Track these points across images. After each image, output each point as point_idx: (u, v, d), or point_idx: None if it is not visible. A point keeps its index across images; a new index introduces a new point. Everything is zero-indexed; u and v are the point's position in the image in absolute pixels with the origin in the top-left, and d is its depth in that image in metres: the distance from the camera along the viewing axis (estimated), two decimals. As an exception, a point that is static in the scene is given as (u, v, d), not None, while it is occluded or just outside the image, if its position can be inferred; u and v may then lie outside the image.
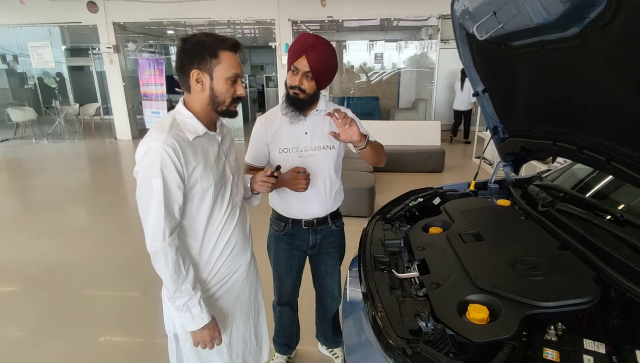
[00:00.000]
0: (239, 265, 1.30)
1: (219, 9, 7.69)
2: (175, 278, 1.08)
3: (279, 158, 1.54)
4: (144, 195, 1.06)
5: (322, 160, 1.54)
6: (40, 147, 8.19)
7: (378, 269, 1.26)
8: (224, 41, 1.09)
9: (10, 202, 4.98)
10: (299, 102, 1.46)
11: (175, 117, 1.13)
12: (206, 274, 1.22)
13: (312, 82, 1.41)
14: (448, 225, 1.52)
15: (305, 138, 1.53)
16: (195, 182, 1.11)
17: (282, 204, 1.62)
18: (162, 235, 1.06)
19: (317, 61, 1.38)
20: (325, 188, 1.59)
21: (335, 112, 1.36)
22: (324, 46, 1.41)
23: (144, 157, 1.05)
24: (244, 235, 1.31)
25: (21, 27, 8.24)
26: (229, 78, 1.10)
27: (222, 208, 1.21)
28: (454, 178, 5.55)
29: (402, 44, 10.14)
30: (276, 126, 1.54)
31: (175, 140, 1.06)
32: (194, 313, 1.13)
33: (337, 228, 1.70)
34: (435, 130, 5.99)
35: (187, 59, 1.08)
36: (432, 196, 1.85)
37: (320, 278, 1.77)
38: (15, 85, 10.69)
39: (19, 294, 2.83)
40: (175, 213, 1.09)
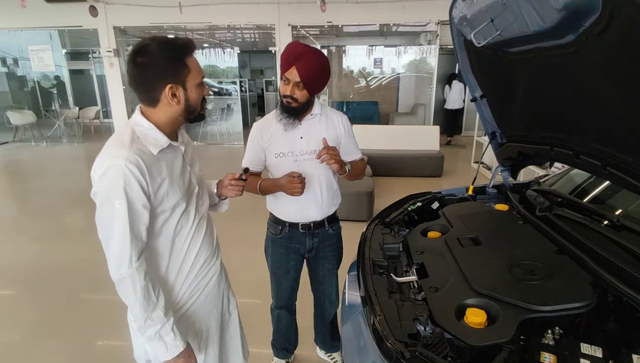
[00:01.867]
0: (209, 278, 1.23)
1: (219, 13, 7.73)
2: (145, 305, 0.99)
3: (275, 163, 1.55)
4: (105, 219, 0.97)
5: (318, 164, 1.53)
6: (40, 150, 8.19)
7: (377, 273, 1.26)
8: (187, 47, 1.01)
9: (9, 205, 4.97)
10: (293, 110, 1.48)
11: (135, 128, 1.03)
12: (175, 294, 1.14)
13: (303, 90, 1.43)
14: (446, 230, 1.52)
15: (300, 142, 1.54)
16: (161, 199, 1.03)
17: (279, 207, 1.63)
18: (129, 260, 0.97)
19: (307, 71, 1.39)
20: (322, 192, 1.60)
21: (322, 154, 1.42)
22: (313, 55, 1.42)
23: (104, 176, 0.95)
24: (212, 247, 1.24)
25: (22, 30, 8.26)
26: (199, 83, 1.05)
27: (188, 222, 1.13)
28: (453, 183, 5.56)
29: (401, 49, 10.21)
30: (272, 131, 1.55)
31: (138, 156, 0.96)
32: (167, 341, 1.04)
33: (334, 231, 1.71)
34: (434, 135, 6.01)
35: (152, 73, 0.99)
36: (430, 201, 1.86)
37: (318, 282, 1.77)
38: (15, 89, 10.70)
39: (17, 297, 2.83)
40: (142, 236, 1.00)
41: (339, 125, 1.60)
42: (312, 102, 1.53)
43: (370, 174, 4.68)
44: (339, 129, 1.60)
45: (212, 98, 10.08)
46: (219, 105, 9.84)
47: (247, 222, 3.74)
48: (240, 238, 3.50)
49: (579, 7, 0.85)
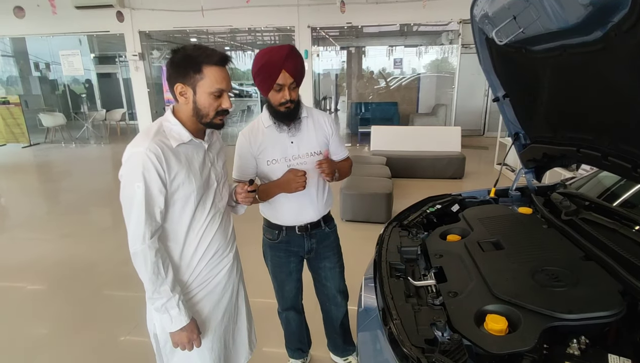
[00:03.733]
0: (220, 269, 1.31)
1: (240, 16, 7.84)
2: (154, 279, 1.10)
3: (268, 170, 1.54)
4: (127, 198, 1.09)
5: (311, 166, 1.54)
6: (69, 151, 8.52)
7: (394, 276, 1.24)
8: (210, 56, 1.09)
9: (41, 204, 5.19)
10: (293, 113, 1.48)
11: (162, 123, 1.16)
12: (187, 277, 1.23)
13: (296, 89, 1.45)
14: (467, 233, 1.49)
15: (291, 147, 1.53)
16: (177, 187, 1.13)
17: (274, 212, 1.63)
18: (142, 237, 1.08)
19: (296, 69, 1.40)
20: (318, 193, 1.61)
21: (322, 165, 1.46)
22: (295, 52, 1.42)
23: (128, 161, 1.08)
24: (225, 240, 1.32)
25: (53, 36, 8.63)
26: (212, 93, 1.11)
27: (203, 214, 1.22)
28: (474, 185, 5.44)
29: (422, 49, 10.08)
30: (260, 139, 1.53)
31: (158, 146, 1.08)
32: (172, 314, 1.15)
33: (331, 230, 1.72)
34: (455, 136, 5.89)
35: (173, 71, 1.11)
36: (450, 203, 1.83)
37: (322, 284, 1.77)
38: (47, 92, 11.19)
39: (46, 292, 2.94)
40: (156, 217, 1.11)
41: (326, 125, 1.59)
42: (301, 102, 1.53)
43: (388, 176, 4.63)
44: (327, 129, 1.59)
45: (232, 100, 10.24)
46: (239, 107, 9.99)
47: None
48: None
49: (607, 3, 0.82)
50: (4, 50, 10.04)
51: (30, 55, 10.59)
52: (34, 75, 10.94)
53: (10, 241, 3.92)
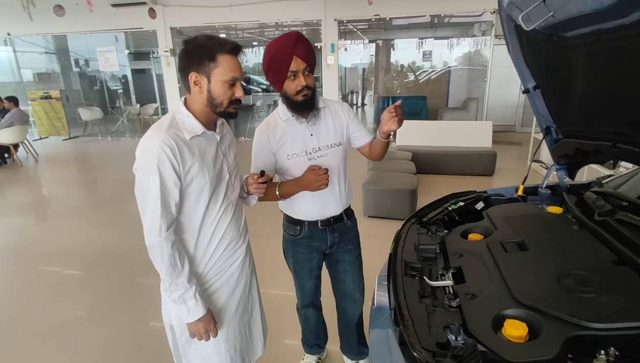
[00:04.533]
0: (234, 259, 1.32)
1: (268, 11, 7.88)
2: (171, 271, 1.11)
3: (288, 165, 1.51)
4: (142, 192, 1.09)
5: (331, 159, 1.51)
6: (105, 144, 8.92)
7: (408, 275, 1.20)
8: (223, 45, 1.10)
9: (77, 194, 5.47)
10: (312, 101, 1.44)
11: (175, 116, 1.16)
12: (202, 268, 1.25)
13: (310, 75, 1.41)
14: (490, 232, 1.41)
15: (311, 140, 1.50)
16: (191, 179, 1.13)
17: (295, 208, 1.59)
18: (159, 230, 1.09)
19: (307, 52, 1.37)
20: (340, 186, 1.58)
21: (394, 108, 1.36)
22: (303, 37, 1.38)
23: (142, 155, 1.09)
24: (238, 231, 1.33)
25: (91, 33, 9.02)
26: (226, 81, 1.11)
27: (216, 205, 1.23)
28: (505, 182, 5.21)
29: (453, 41, 9.74)
30: (279, 133, 1.49)
31: (172, 138, 1.08)
32: (189, 305, 1.16)
33: (352, 223, 1.69)
34: (486, 131, 5.66)
35: (186, 61, 1.11)
36: (474, 200, 1.74)
37: (340, 280, 1.73)
38: (86, 87, 11.76)
39: (80, 277, 3.11)
40: (172, 210, 1.11)
41: (343, 113, 1.56)
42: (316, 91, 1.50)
43: (413, 171, 4.52)
44: (344, 118, 1.56)
45: (259, 95, 10.36)
46: (266, 101, 10.08)
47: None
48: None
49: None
50: (47, 48, 10.61)
51: (70, 52, 11.14)
52: (74, 71, 11.52)
53: (51, 228, 4.17)
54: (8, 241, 3.83)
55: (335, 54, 7.92)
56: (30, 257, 3.44)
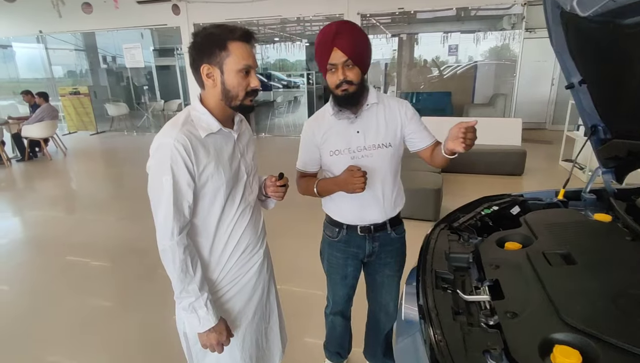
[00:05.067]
0: (250, 265, 1.26)
1: (289, 6, 7.81)
2: (182, 277, 1.06)
3: (330, 161, 1.43)
4: (154, 192, 1.04)
5: (377, 160, 1.40)
6: (131, 139, 9.12)
7: (440, 287, 1.10)
8: (233, 31, 1.03)
9: (104, 188, 5.59)
10: (353, 97, 1.32)
11: (190, 112, 1.10)
12: (216, 275, 1.18)
13: (354, 68, 1.28)
14: (529, 241, 1.29)
15: (357, 137, 1.39)
16: (206, 180, 1.07)
17: (336, 208, 1.51)
18: (171, 233, 1.04)
19: (350, 44, 1.24)
20: (384, 191, 1.44)
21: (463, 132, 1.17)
22: (349, 26, 1.27)
23: (155, 153, 1.03)
24: (255, 236, 1.26)
25: (118, 30, 9.21)
26: (240, 70, 1.04)
27: (233, 207, 1.16)
28: (536, 183, 4.97)
29: (480, 35, 9.38)
30: (325, 127, 1.42)
31: (186, 136, 1.02)
32: (200, 314, 1.09)
33: (398, 235, 1.55)
34: (515, 129, 5.42)
35: (196, 54, 1.05)
36: (510, 204, 1.62)
37: (375, 290, 1.62)
38: (113, 83, 12.06)
39: (105, 268, 3.17)
40: (185, 212, 1.06)
41: (399, 113, 1.41)
42: (367, 87, 1.37)
43: (438, 170, 4.36)
44: (400, 117, 1.41)
45: (280, 91, 10.35)
46: (286, 97, 10.04)
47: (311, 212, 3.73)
48: (300, 228, 3.50)
49: None
50: (76, 45, 10.93)
51: (99, 48, 11.44)
52: (102, 67, 11.83)
53: (77, 221, 4.27)
54: (38, 233, 3.94)
55: (358, 48, 7.77)
56: (58, 247, 3.53)
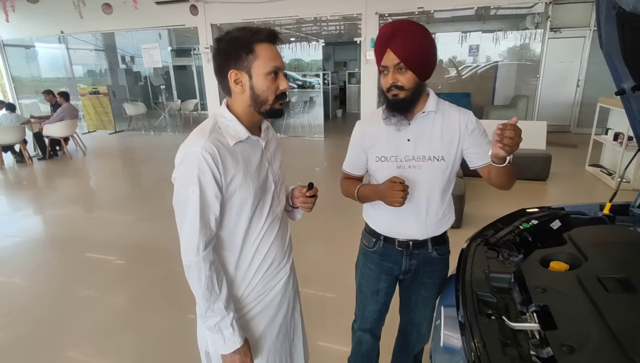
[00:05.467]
0: (277, 281, 1.19)
1: (306, 6, 7.75)
2: (208, 295, 1.00)
3: (375, 168, 1.34)
4: (180, 204, 0.99)
5: (426, 173, 1.28)
6: (148, 138, 9.20)
7: (484, 313, 1.01)
8: (258, 33, 0.98)
9: (122, 187, 5.63)
10: (402, 103, 1.21)
11: (218, 120, 1.05)
12: (242, 291, 1.12)
13: (407, 73, 1.17)
14: (578, 262, 1.19)
15: (407, 146, 1.28)
16: (233, 191, 1.02)
17: (374, 217, 1.41)
18: (196, 248, 0.98)
19: (404, 47, 1.14)
20: (429, 208, 1.31)
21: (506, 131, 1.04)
22: (408, 26, 1.17)
23: (182, 163, 0.98)
24: (282, 249, 1.20)
25: (136, 30, 9.31)
26: (269, 73, 0.99)
27: (261, 220, 1.10)
28: (561, 189, 4.78)
29: (501, 35, 9.14)
30: (375, 130, 1.33)
31: (214, 145, 0.97)
32: (225, 335, 1.03)
33: (440, 256, 1.40)
34: (539, 132, 5.22)
35: (222, 59, 1.00)
36: (549, 218, 1.51)
37: (409, 308, 1.52)
38: (131, 83, 12.23)
39: (126, 267, 3.18)
40: (211, 225, 1.00)
41: (460, 124, 1.26)
42: (423, 92, 1.25)
43: (460, 175, 4.23)
44: (460, 130, 1.26)
45: (295, 91, 10.30)
46: (301, 98, 9.98)
47: (339, 215, 3.66)
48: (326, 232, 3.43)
49: None
50: (96, 45, 11.11)
51: (118, 48, 11.60)
52: (120, 67, 12.00)
53: (98, 220, 4.30)
54: (58, 231, 3.98)
55: (376, 49, 7.65)
56: (78, 246, 3.55)
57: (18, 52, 10.76)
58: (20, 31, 9.93)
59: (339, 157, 7.38)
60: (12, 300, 2.71)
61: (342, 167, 1.46)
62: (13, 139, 6.54)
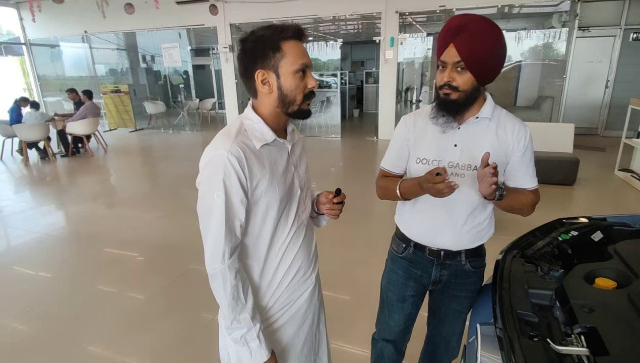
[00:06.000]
0: (302, 290, 1.14)
1: (325, 5, 7.71)
2: (234, 305, 0.96)
3: (415, 169, 1.25)
4: (205, 210, 0.96)
5: (469, 183, 1.18)
6: (167, 137, 9.32)
7: (526, 335, 0.93)
8: (285, 30, 0.93)
9: (141, 185, 5.70)
10: (451, 104, 1.13)
11: (243, 122, 1.01)
12: (267, 300, 1.07)
13: (466, 73, 1.08)
14: (627, 279, 1.10)
15: (453, 151, 1.19)
16: (259, 196, 0.98)
17: (405, 221, 1.34)
18: (222, 256, 0.94)
19: (470, 45, 1.05)
20: (467, 220, 1.23)
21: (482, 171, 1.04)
22: (480, 24, 1.06)
23: (207, 167, 0.94)
24: (308, 258, 1.15)
25: (157, 30, 9.44)
26: (297, 71, 0.95)
27: (286, 227, 1.06)
28: (589, 194, 4.59)
29: (525, 34, 8.88)
30: (420, 128, 1.24)
31: (240, 148, 0.93)
32: (252, 347, 0.98)
33: (474, 269, 1.31)
34: (567, 134, 5.02)
35: (249, 60, 0.96)
36: (590, 229, 1.41)
37: (438, 320, 1.44)
38: (152, 82, 12.43)
39: (144, 264, 3.21)
40: (236, 232, 0.96)
41: (513, 138, 1.17)
42: (479, 97, 1.16)
43: (483, 178, 4.10)
44: (512, 143, 1.18)
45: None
46: (318, 97, 9.93)
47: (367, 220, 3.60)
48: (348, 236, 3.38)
49: None
50: (118, 44, 11.33)
51: (139, 48, 11.80)
52: (141, 66, 12.20)
53: (118, 216, 4.35)
54: (80, 227, 4.05)
55: (395, 48, 7.55)
56: (99, 242, 3.60)
57: (44, 51, 11.08)
58: (45, 31, 10.23)
59: (356, 157, 7.30)
60: (34, 295, 2.75)
61: (381, 164, 1.36)
62: (37, 136, 6.71)
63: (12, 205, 4.75)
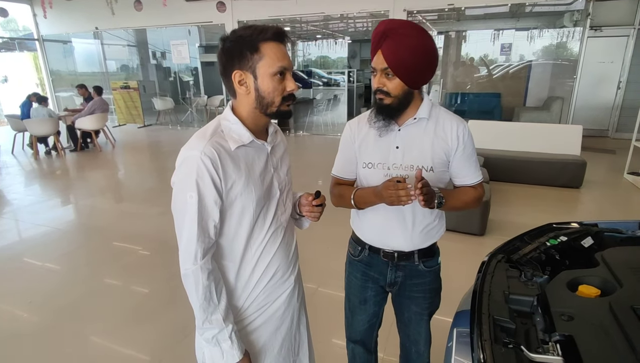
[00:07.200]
0: (280, 292, 1.14)
1: (333, 3, 7.67)
2: (205, 306, 0.96)
3: (363, 174, 1.28)
4: (179, 210, 0.96)
5: (413, 183, 1.21)
6: (175, 133, 9.42)
7: (499, 342, 0.93)
8: (264, 31, 0.93)
9: (148, 180, 5.77)
10: (386, 109, 1.16)
11: (221, 122, 1.01)
12: (243, 301, 1.07)
13: (394, 80, 1.11)
14: (611, 288, 1.08)
15: (395, 153, 1.21)
16: (234, 198, 0.97)
17: (360, 226, 1.36)
18: (194, 256, 0.94)
19: (394, 52, 1.07)
20: (415, 219, 1.25)
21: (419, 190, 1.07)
22: (403, 30, 1.07)
23: (181, 167, 0.95)
24: (287, 260, 1.15)
25: (166, 27, 9.52)
26: (275, 73, 0.94)
27: (264, 228, 1.06)
28: (595, 197, 4.51)
29: (536, 33, 8.73)
30: (364, 133, 1.26)
31: (215, 149, 0.93)
32: (223, 348, 0.99)
33: (428, 269, 1.33)
34: (574, 136, 4.94)
35: (227, 59, 0.96)
36: (580, 235, 1.39)
37: (403, 324, 1.44)
38: (161, 78, 12.55)
39: (148, 258, 3.26)
40: (210, 232, 0.96)
41: (452, 136, 1.20)
42: (413, 99, 1.17)
43: (486, 180, 4.06)
44: (451, 141, 1.20)
45: (320, 88, 10.25)
46: (326, 95, 9.93)
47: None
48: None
49: None
50: (128, 41, 11.46)
51: (149, 45, 11.93)
52: (151, 63, 12.33)
53: (124, 211, 4.42)
54: (86, 221, 4.14)
55: (402, 47, 7.48)
56: (104, 236, 3.67)
57: (56, 47, 11.25)
58: (57, 27, 10.39)
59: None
60: (41, 286, 2.82)
61: (332, 172, 1.37)
62: (47, 131, 6.84)
63: (20, 198, 4.86)
